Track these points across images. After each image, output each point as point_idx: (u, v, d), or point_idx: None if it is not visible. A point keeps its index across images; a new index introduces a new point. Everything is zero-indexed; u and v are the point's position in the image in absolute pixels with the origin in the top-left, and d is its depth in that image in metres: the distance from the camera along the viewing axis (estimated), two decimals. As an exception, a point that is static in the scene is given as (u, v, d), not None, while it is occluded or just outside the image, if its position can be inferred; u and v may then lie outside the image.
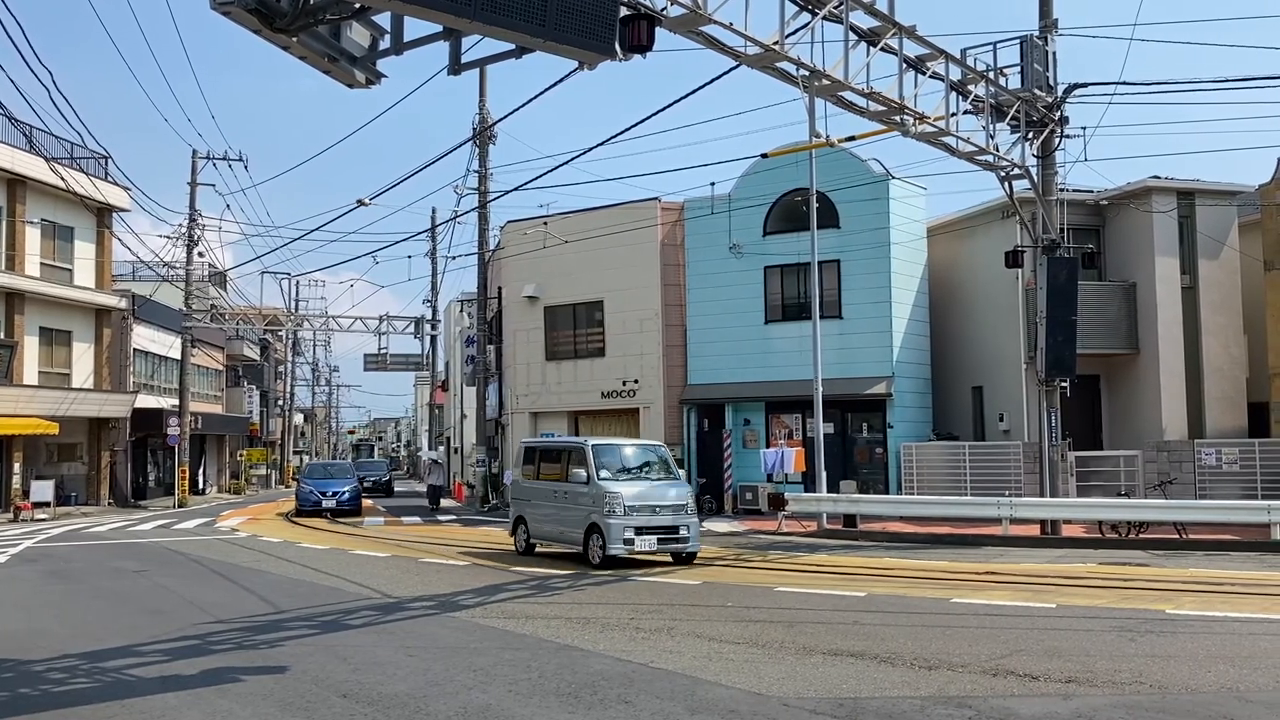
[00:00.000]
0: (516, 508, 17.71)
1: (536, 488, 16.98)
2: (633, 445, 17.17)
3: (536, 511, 16.83)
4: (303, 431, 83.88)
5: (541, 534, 16.77)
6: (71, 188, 28.65)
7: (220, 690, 7.72)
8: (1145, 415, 23.39)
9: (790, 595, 12.18)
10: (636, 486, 15.16)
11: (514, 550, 17.36)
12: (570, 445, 16.99)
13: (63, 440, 33.21)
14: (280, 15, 8.02)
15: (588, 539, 15.15)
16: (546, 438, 22.25)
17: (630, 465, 15.89)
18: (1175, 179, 23.59)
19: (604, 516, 14.72)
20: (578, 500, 15.47)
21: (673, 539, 15.13)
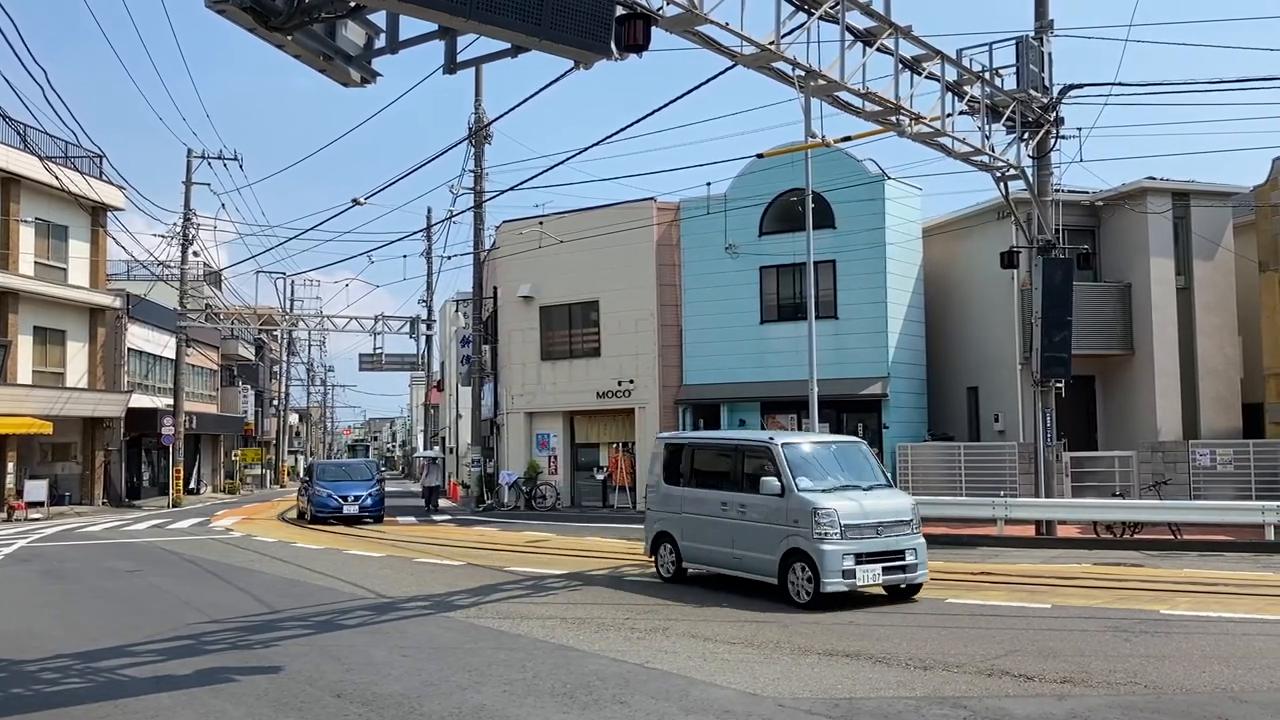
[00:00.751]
0: (658, 521, 13.86)
1: (691, 497, 13.24)
2: (829, 443, 13.29)
3: (692, 528, 13.11)
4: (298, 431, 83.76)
5: (700, 557, 13.09)
6: (66, 187, 28.57)
7: (214, 690, 7.70)
8: (1140, 416, 23.42)
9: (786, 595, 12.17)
10: (849, 499, 11.58)
11: (657, 575, 13.77)
12: (747, 444, 12.92)
13: (57, 440, 33.13)
14: (275, 14, 8.00)
15: (785, 569, 11.50)
16: (698, 436, 15.97)
17: (832, 470, 12.31)
18: (1170, 180, 23.63)
19: (813, 541, 11.12)
20: (766, 516, 11.82)
21: (898, 568, 11.48)
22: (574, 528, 22.81)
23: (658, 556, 13.81)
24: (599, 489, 29.25)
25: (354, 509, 25.61)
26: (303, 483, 29.62)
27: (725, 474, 12.98)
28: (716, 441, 14.44)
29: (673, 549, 13.45)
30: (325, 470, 29.05)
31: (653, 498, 14.27)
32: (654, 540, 13.87)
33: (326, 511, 25.63)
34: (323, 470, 28.94)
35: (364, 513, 25.80)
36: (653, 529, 13.95)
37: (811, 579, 11.11)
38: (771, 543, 11.69)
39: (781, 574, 11.52)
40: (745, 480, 12.41)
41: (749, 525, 12.11)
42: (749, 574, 12.18)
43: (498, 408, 31.44)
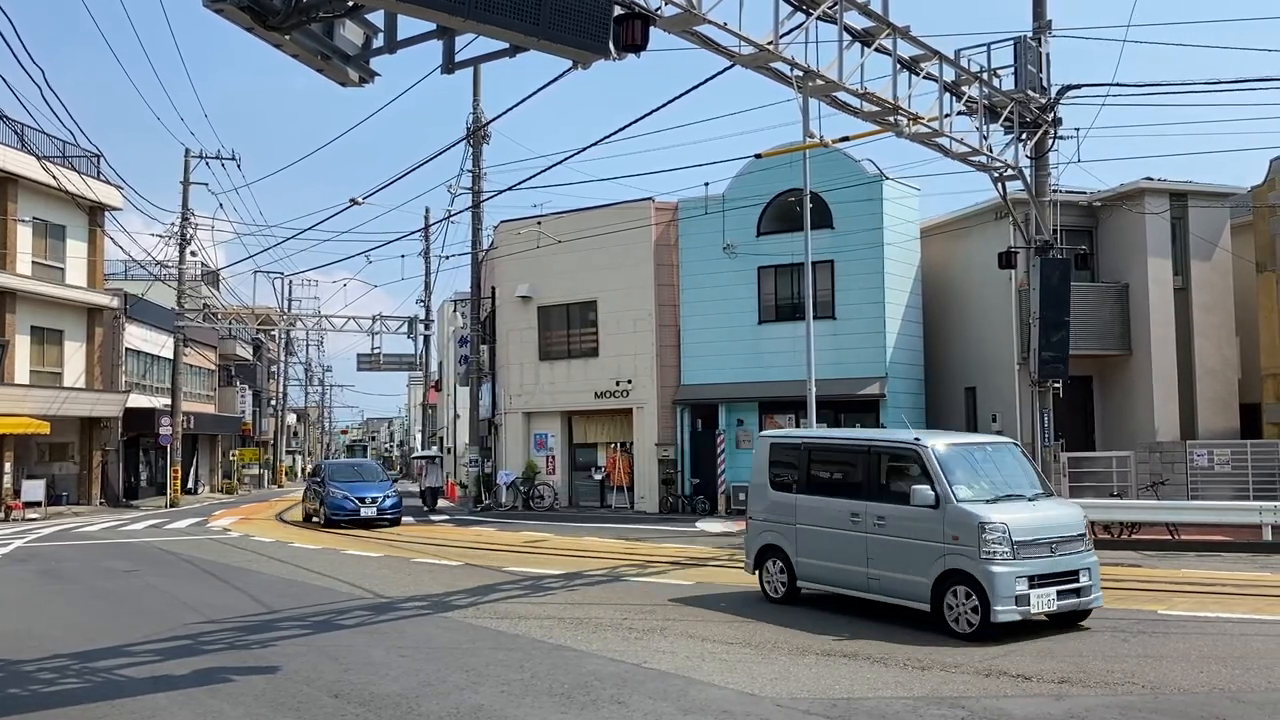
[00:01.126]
0: (765, 533, 11.94)
1: (809, 506, 11.39)
2: (982, 444, 11.30)
3: (811, 542, 11.28)
4: (295, 431, 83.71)
5: (821, 576, 11.22)
6: (63, 186, 28.52)
7: (211, 690, 7.69)
8: (1138, 416, 23.44)
9: (783, 595, 12.16)
10: (1017, 510, 9.85)
11: (762, 595, 11.82)
12: (885, 445, 11.08)
13: (54, 440, 33.09)
14: (273, 13, 8.00)
15: (941, 593, 9.69)
16: (817, 435, 13.98)
17: (989, 476, 10.49)
18: (1168, 180, 23.65)
19: (980, 561, 9.39)
20: (913, 531, 10.05)
21: (1072, 591, 9.75)
22: (572, 528, 22.80)
23: (763, 573, 11.93)
24: (597, 489, 29.25)
25: (372, 511, 24.20)
26: (311, 484, 27.74)
27: (854, 480, 11.11)
28: (842, 442, 12.26)
29: (784, 566, 11.62)
30: (338, 471, 27.32)
31: (756, 505, 12.32)
32: (759, 554, 12.02)
33: (343, 515, 24.13)
34: (335, 471, 27.23)
35: (382, 515, 24.33)
36: (757, 541, 12.08)
37: (978, 606, 9.36)
38: (921, 562, 9.90)
39: (936, 599, 9.73)
40: (883, 487, 10.66)
41: (889, 541, 10.30)
42: (888, 598, 10.33)
43: (496, 408, 31.43)
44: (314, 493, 26.20)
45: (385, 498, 24.76)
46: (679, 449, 27.50)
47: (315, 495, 25.91)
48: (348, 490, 24.69)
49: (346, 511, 24.16)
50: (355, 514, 24.09)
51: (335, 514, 24.26)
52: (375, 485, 25.66)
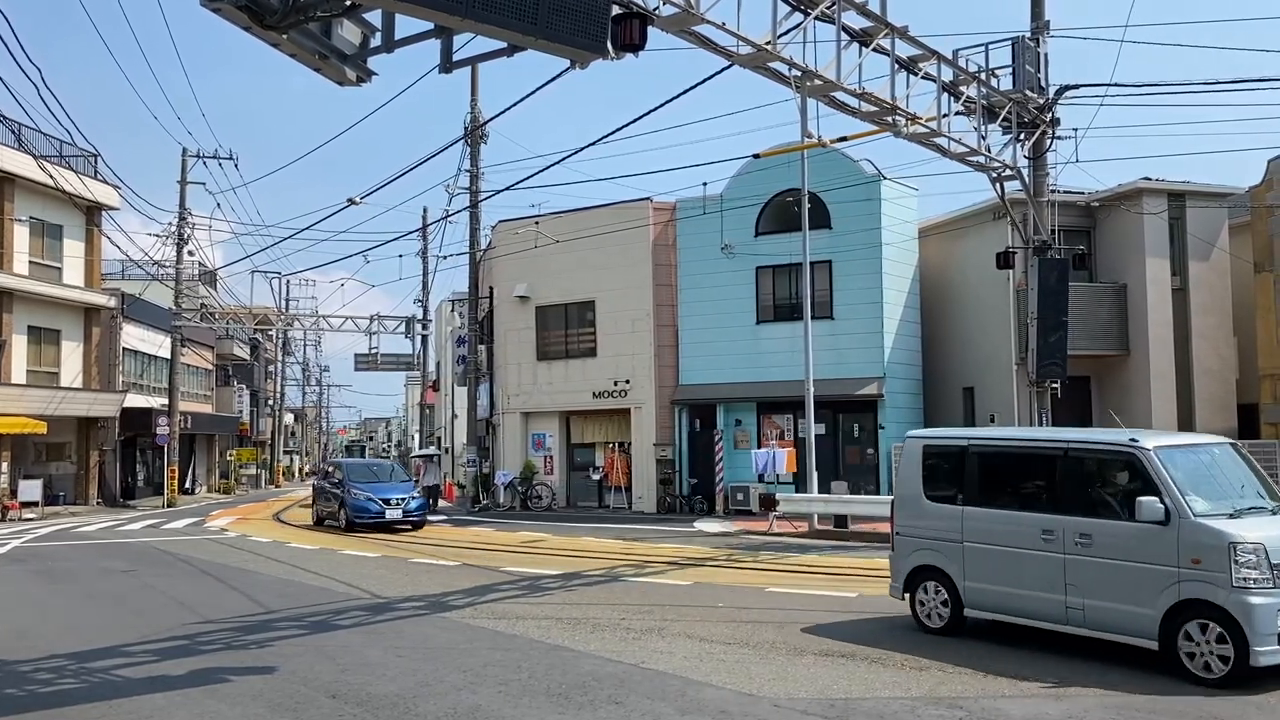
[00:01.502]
0: (921, 550, 9.93)
1: (984, 521, 9.38)
2: (1205, 445, 9.34)
3: (985, 563, 9.31)
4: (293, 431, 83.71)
5: (1000, 604, 9.24)
6: (60, 186, 28.51)
7: (208, 691, 7.68)
8: (1136, 416, 23.42)
9: (781, 595, 12.18)
10: (1269, 527, 8.04)
11: (915, 624, 9.90)
12: (1089, 447, 9.19)
13: (51, 439, 33.07)
14: (271, 12, 7.99)
15: (1174, 629, 7.93)
16: (989, 435, 11.39)
17: (1220, 484, 8.77)
18: (1166, 181, 23.66)
19: (1233, 590, 7.62)
20: (1132, 552, 8.29)
21: None
22: (570, 528, 22.79)
23: (916, 597, 9.96)
24: (595, 489, 29.25)
25: (397, 513, 22.82)
26: (324, 485, 25.74)
27: (1045, 489, 9.30)
28: (1029, 444, 10.09)
29: (946, 590, 9.64)
30: (356, 471, 25.46)
31: (906, 518, 10.25)
32: (911, 576, 10.03)
33: (368, 517, 22.74)
34: (354, 471, 25.35)
35: (408, 517, 23.03)
36: (909, 560, 10.06)
37: (1237, 648, 7.52)
38: (1145, 591, 8.11)
39: (1166, 636, 7.93)
40: (1086, 498, 8.89)
41: (1097, 563, 8.50)
42: (1095, 632, 8.52)
43: (493, 408, 31.42)
44: (330, 494, 24.59)
45: (410, 499, 23.52)
46: (677, 449, 27.50)
47: (332, 497, 24.36)
48: (370, 492, 23.29)
49: (371, 514, 22.77)
50: (380, 516, 22.71)
51: (359, 517, 22.85)
52: (398, 486, 24.34)
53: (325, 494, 25.10)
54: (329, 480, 25.44)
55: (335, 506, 24.00)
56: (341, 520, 23.39)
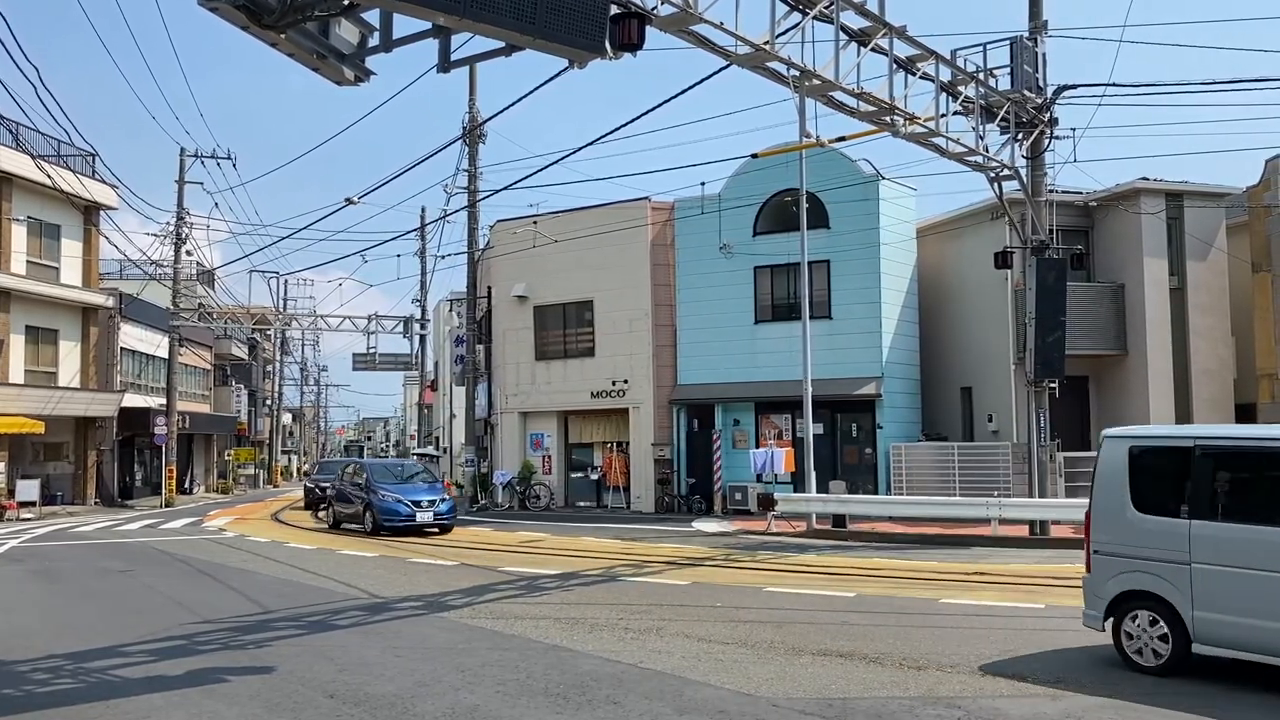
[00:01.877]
0: (1131, 573, 8.26)
1: (1219, 538, 7.74)
2: None
3: (1224, 590, 7.65)
4: (291, 431, 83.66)
5: (1244, 640, 7.53)
6: (58, 185, 28.49)
7: (206, 691, 7.67)
8: (1134, 416, 23.44)
9: (779, 595, 12.18)
10: None
11: (1122, 656, 8.26)
12: None
13: (49, 439, 33.03)
14: (268, 11, 7.98)
15: None
16: (1223, 434, 8.99)
17: None
18: (1164, 181, 23.69)
19: None
20: None
21: None
22: (568, 528, 22.79)
23: (1122, 628, 8.29)
24: (593, 489, 29.25)
25: (428, 516, 21.51)
26: (346, 487, 23.90)
27: None
28: (1272, 443, 7.98)
29: (1165, 622, 7.97)
30: (381, 471, 24.01)
31: (1108, 533, 8.51)
32: (1115, 602, 8.35)
33: (398, 520, 21.40)
34: (378, 471, 23.88)
35: (439, 519, 21.71)
36: (1113, 583, 8.36)
37: None
38: None
39: None
40: None
41: None
42: None
43: (492, 407, 31.41)
44: (353, 496, 23.05)
45: (440, 501, 22.01)
46: (675, 449, 27.49)
47: (354, 499, 22.88)
48: (399, 493, 21.88)
49: (401, 517, 21.39)
50: (410, 520, 21.34)
51: (388, 519, 21.42)
52: (428, 488, 22.79)
53: (346, 497, 23.55)
54: (351, 482, 23.76)
55: (359, 509, 22.58)
56: (368, 524, 21.95)
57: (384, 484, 22.46)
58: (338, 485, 24.88)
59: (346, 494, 23.61)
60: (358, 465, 25.78)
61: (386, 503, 21.71)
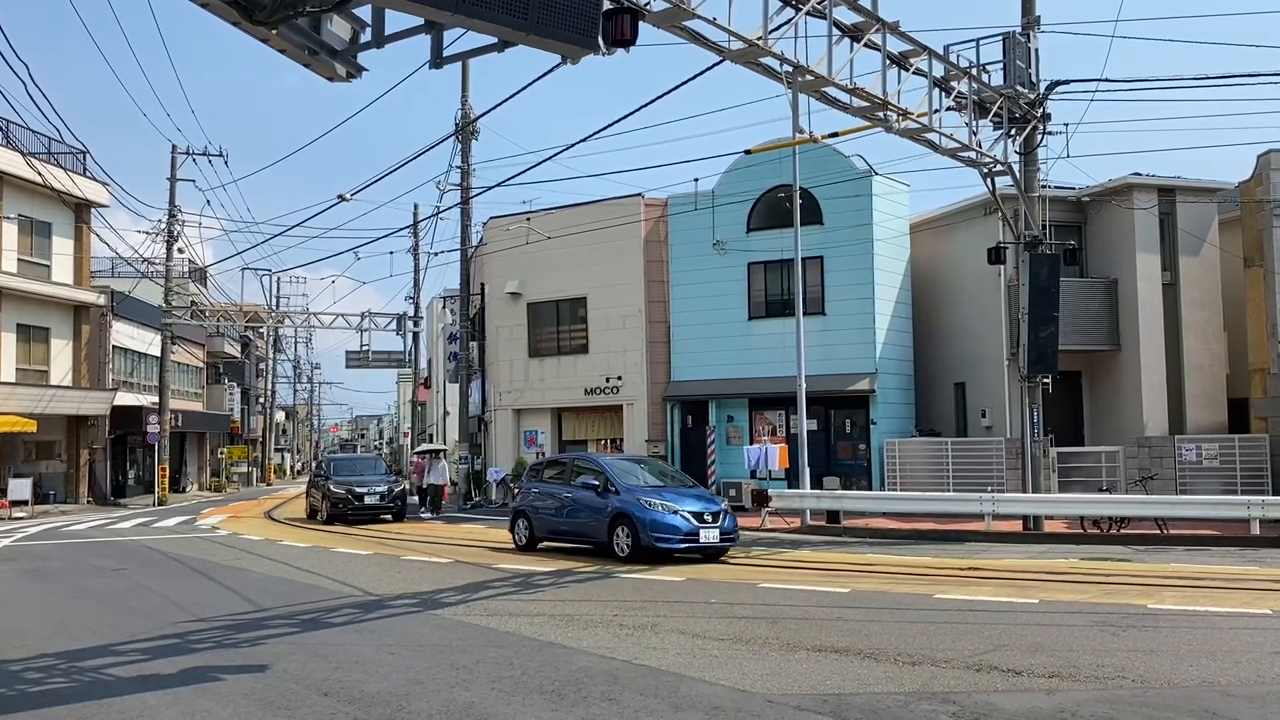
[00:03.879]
0: None
1: None
2: None
3: None
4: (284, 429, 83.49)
5: None
6: (49, 183, 28.38)
7: (200, 689, 7.64)
8: (1126, 411, 23.51)
9: (774, 591, 12.17)
10: None
11: None
12: None
13: (41, 438, 32.92)
14: (259, 7, 7.94)
15: None
16: None
17: None
18: (1156, 176, 23.75)
19: None
20: None
21: None
22: (562, 525, 22.74)
23: None
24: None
25: (713, 534, 15.36)
26: (554, 490, 17.31)
27: None
28: None
29: None
30: (624, 470, 16.83)
31: None
32: None
33: (675, 539, 15.16)
34: (620, 471, 16.72)
35: (724, 538, 15.57)
36: None
37: None
38: None
39: None
40: None
41: None
42: None
43: (485, 405, 31.39)
44: (580, 504, 16.47)
45: (724, 514, 15.77)
46: (669, 445, 27.49)
47: (586, 508, 16.35)
48: (669, 502, 15.48)
49: (681, 535, 15.14)
50: (693, 539, 15.14)
51: (663, 538, 15.09)
52: (695, 494, 16.30)
53: (571, 506, 16.70)
54: (570, 483, 16.89)
55: (598, 522, 16.02)
56: (622, 546, 15.43)
57: (638, 489, 15.94)
58: (534, 488, 17.87)
59: (572, 502, 16.71)
60: (580, 461, 18.00)
61: (654, 513, 15.18)
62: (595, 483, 16.32)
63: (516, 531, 17.79)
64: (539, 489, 17.67)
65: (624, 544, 15.38)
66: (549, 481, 17.66)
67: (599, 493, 16.10)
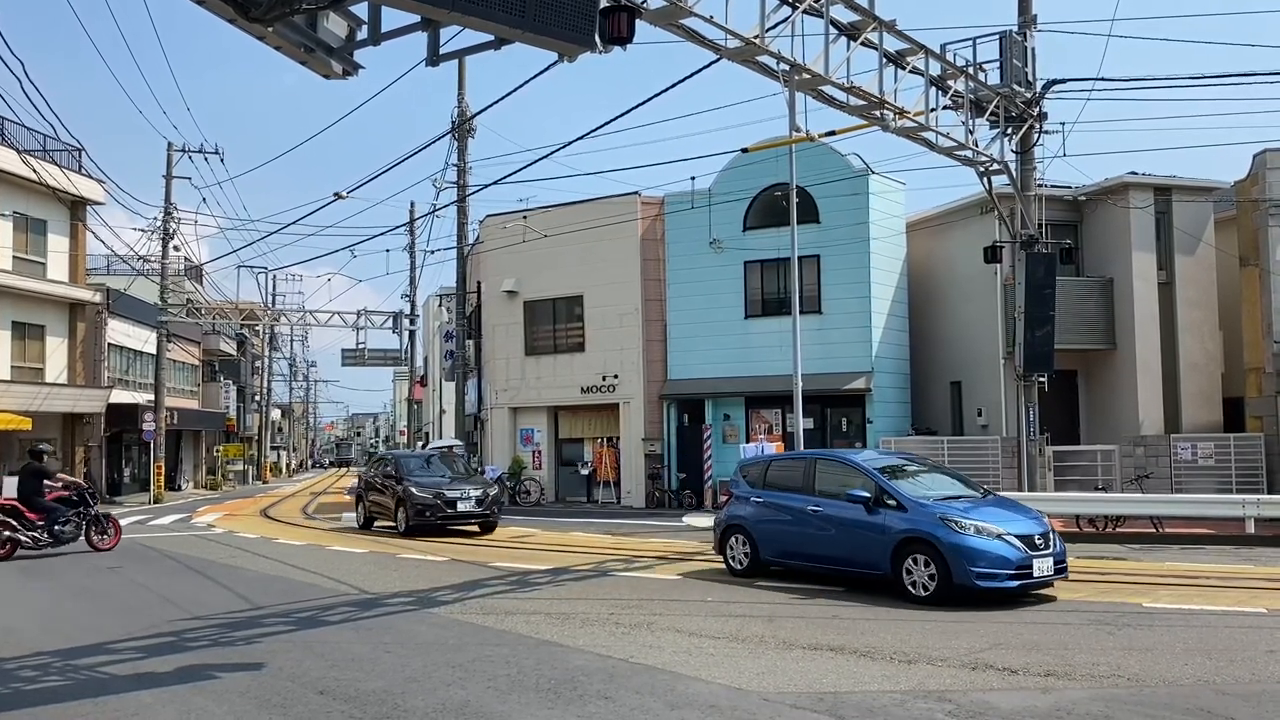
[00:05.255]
0: None
1: None
2: None
3: None
4: (280, 427, 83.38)
5: None
6: (44, 180, 28.30)
7: (196, 688, 7.63)
8: (1122, 410, 23.54)
9: (770, 590, 12.18)
10: None
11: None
12: None
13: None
14: (256, 4, 7.93)
15: None
16: None
17: None
18: (1152, 175, 23.79)
19: None
20: None
21: None
22: (558, 523, 22.77)
23: None
24: (584, 484, 29.23)
25: (1046, 565, 11.27)
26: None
27: None
28: None
29: None
30: (912, 483, 12.46)
31: None
32: None
33: (1005, 577, 10.99)
34: (906, 481, 12.46)
35: (1058, 567, 11.49)
36: None
37: None
38: None
39: None
40: None
41: None
42: None
43: (482, 403, 31.37)
44: (918, 536, 11.36)
45: (1053, 536, 11.66)
46: (666, 444, 27.50)
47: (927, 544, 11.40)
48: (994, 522, 11.37)
49: (1013, 567, 10.96)
50: (1026, 570, 11.01)
51: (987, 575, 10.84)
52: (1025, 512, 12.01)
53: (834, 522, 12.36)
54: (854, 493, 12.15)
55: (891, 545, 11.60)
56: (922, 585, 11.23)
57: (933, 502, 11.80)
58: (755, 496, 13.66)
59: (823, 517, 12.49)
60: (828, 462, 13.33)
61: (969, 538, 11.08)
62: (864, 493, 12.08)
63: (732, 552, 13.70)
64: (763, 497, 13.50)
65: (922, 580, 11.22)
66: (778, 489, 13.49)
67: (870, 507, 11.93)
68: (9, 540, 16.44)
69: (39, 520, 16.63)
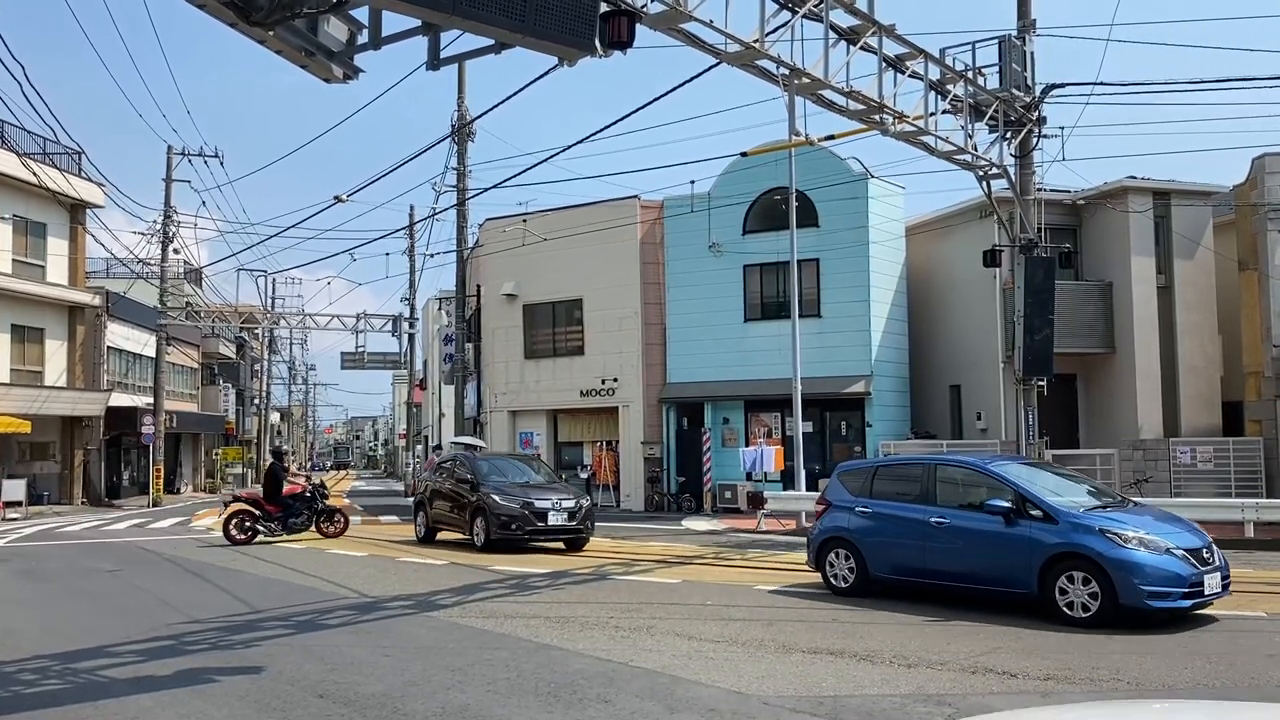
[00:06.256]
0: None
1: None
2: None
3: None
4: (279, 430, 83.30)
5: None
6: (44, 183, 28.32)
7: (195, 691, 7.63)
8: (1121, 414, 23.55)
9: (769, 594, 12.18)
10: None
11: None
12: None
13: (35, 439, 32.83)
14: (256, 8, 7.93)
15: None
16: None
17: None
18: (1151, 179, 23.79)
19: None
20: None
21: None
22: (558, 526, 22.72)
23: None
24: (583, 488, 29.19)
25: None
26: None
27: None
28: None
29: None
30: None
31: None
32: None
33: None
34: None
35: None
36: None
37: None
38: None
39: None
40: None
41: None
42: None
43: (481, 406, 31.36)
44: (1075, 551, 10.02)
45: (1214, 548, 10.65)
46: (665, 447, 27.50)
47: None
48: (1157, 537, 10.18)
49: (1187, 585, 9.78)
50: (1198, 589, 9.87)
51: (1158, 593, 9.65)
52: (1184, 524, 10.94)
53: (964, 534, 10.93)
54: (992, 503, 10.69)
55: (1040, 561, 10.23)
56: (1082, 604, 9.88)
57: (1083, 513, 10.44)
58: (860, 505, 12.13)
59: (951, 529, 11.04)
60: (952, 468, 11.91)
61: (1134, 553, 9.84)
62: (1004, 503, 10.64)
63: (833, 569, 12.21)
64: (871, 507, 12.04)
65: (1081, 599, 9.89)
66: (888, 498, 12.01)
67: (1010, 518, 10.54)
68: (250, 528, 19.06)
69: (276, 513, 19.23)
